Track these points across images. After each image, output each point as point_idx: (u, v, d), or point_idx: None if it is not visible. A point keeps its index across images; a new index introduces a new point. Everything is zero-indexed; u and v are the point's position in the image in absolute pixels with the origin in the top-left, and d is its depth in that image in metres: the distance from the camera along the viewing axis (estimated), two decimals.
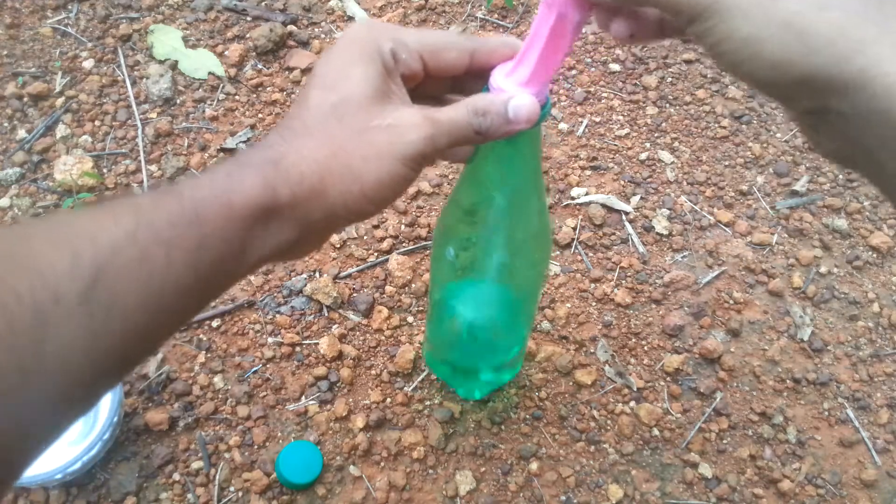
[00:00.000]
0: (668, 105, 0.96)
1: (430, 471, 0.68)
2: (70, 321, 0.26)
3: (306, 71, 0.95)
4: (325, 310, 0.77)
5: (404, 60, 0.34)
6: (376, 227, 0.83)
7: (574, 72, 0.97)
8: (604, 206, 0.85)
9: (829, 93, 0.26)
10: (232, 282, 0.32)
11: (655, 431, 0.71)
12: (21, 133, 0.89)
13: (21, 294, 0.25)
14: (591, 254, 0.82)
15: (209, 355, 0.74)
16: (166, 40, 0.96)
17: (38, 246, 0.27)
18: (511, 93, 0.35)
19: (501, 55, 0.36)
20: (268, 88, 0.94)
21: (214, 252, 0.30)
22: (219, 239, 0.30)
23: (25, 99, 0.91)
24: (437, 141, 0.33)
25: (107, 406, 0.67)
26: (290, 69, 0.95)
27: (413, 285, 0.79)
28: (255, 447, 0.69)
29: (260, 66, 0.95)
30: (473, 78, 0.37)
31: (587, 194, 0.86)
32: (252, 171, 0.31)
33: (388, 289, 0.78)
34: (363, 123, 0.32)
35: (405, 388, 0.72)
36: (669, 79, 0.97)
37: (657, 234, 0.84)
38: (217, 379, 0.72)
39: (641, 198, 0.87)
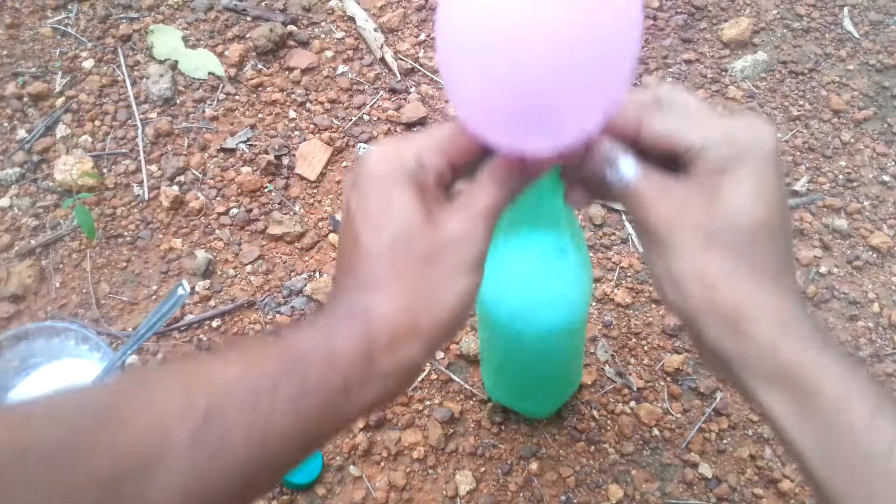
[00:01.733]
0: None
1: (430, 471, 0.68)
2: (176, 464, 0.27)
3: (306, 71, 0.95)
4: None
5: (432, 166, 0.34)
6: None
7: None
8: (604, 205, 0.85)
9: (708, 332, 0.33)
10: (335, 431, 0.33)
11: (655, 431, 0.71)
12: (21, 133, 0.89)
13: (132, 436, 0.27)
14: (591, 254, 0.82)
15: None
16: (166, 40, 0.96)
17: (156, 386, 0.29)
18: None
19: None
20: (268, 88, 0.94)
21: (317, 400, 0.30)
22: (321, 387, 0.31)
23: (25, 99, 0.91)
24: (490, 230, 0.34)
25: None
26: (290, 69, 0.95)
27: None
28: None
29: (260, 66, 0.95)
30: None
31: None
32: (347, 323, 0.32)
33: None
34: (425, 250, 0.33)
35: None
36: (669, 79, 0.97)
37: None
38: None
39: None
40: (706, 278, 0.33)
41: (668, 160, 0.36)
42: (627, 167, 0.35)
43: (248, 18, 1.00)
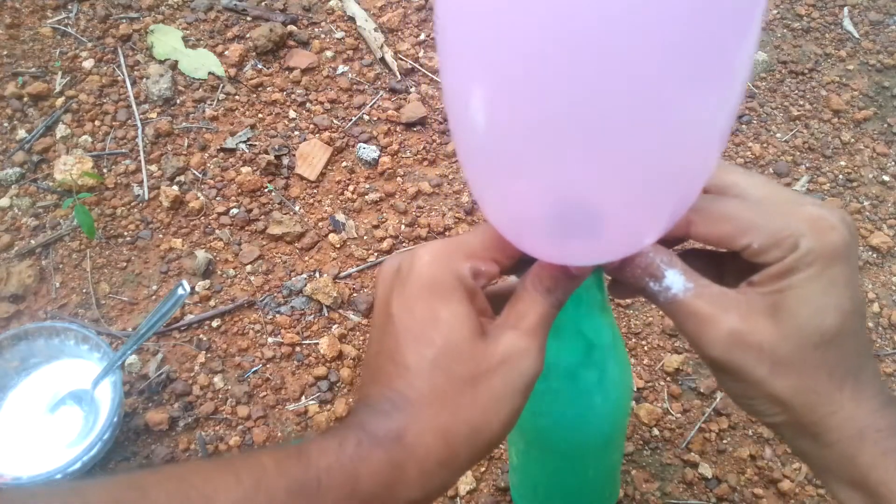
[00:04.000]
0: None
1: None
2: None
3: (306, 71, 0.95)
4: (325, 310, 0.77)
5: (486, 274, 0.32)
6: (376, 227, 0.83)
7: None
8: None
9: (789, 436, 0.32)
10: None
11: (655, 431, 0.71)
12: (21, 133, 0.89)
13: None
14: None
15: (209, 355, 0.74)
16: (166, 40, 0.96)
17: (152, 499, 0.26)
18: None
19: None
20: (268, 88, 0.94)
21: None
22: None
23: (25, 99, 0.91)
24: (543, 346, 0.31)
25: (107, 406, 0.67)
26: (290, 69, 0.95)
27: None
28: (255, 447, 0.69)
29: (260, 66, 0.95)
30: None
31: None
32: (377, 447, 0.29)
33: None
34: (472, 371, 0.29)
35: None
36: None
37: None
38: (217, 379, 0.72)
39: None
40: (780, 400, 0.30)
41: (721, 257, 0.34)
42: (674, 280, 0.31)
43: (248, 18, 1.00)
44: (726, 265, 0.34)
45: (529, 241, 0.31)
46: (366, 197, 0.85)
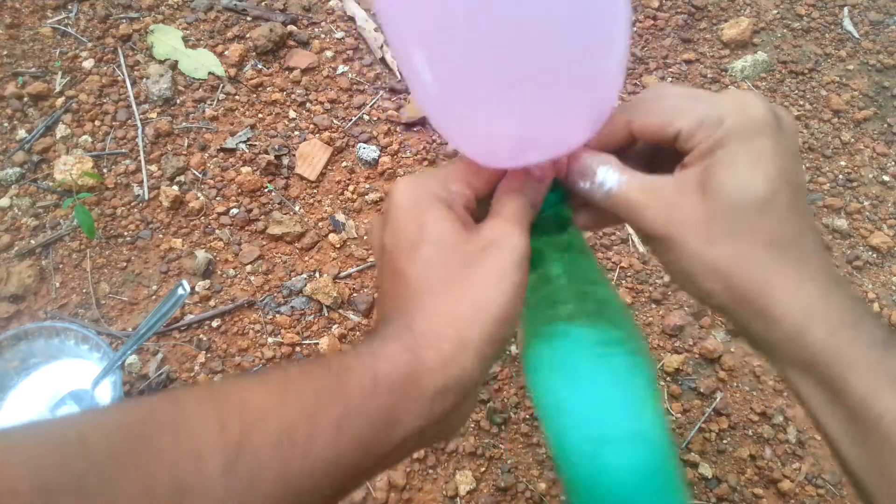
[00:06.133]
0: None
1: (430, 471, 0.68)
2: (209, 495, 0.26)
3: (306, 71, 0.95)
4: (325, 310, 0.77)
5: (458, 191, 0.34)
6: None
7: None
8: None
9: (735, 318, 0.32)
10: (378, 466, 0.30)
11: None
12: (21, 133, 0.89)
13: (167, 467, 0.25)
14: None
15: (209, 355, 0.74)
16: (166, 40, 0.96)
17: (189, 411, 0.27)
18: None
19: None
20: (268, 88, 0.94)
21: (358, 430, 0.28)
22: (363, 417, 0.29)
23: (25, 99, 0.91)
24: (525, 232, 0.33)
25: None
26: (290, 69, 0.95)
27: None
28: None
29: (260, 66, 0.95)
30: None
31: None
32: (391, 341, 0.30)
33: None
34: (463, 257, 0.31)
35: None
36: (669, 78, 0.97)
37: None
38: (217, 379, 0.72)
39: None
40: (719, 271, 0.31)
41: (662, 157, 0.35)
42: (607, 176, 0.34)
43: (248, 18, 1.00)
44: (667, 162, 0.35)
45: (492, 158, 0.35)
46: (366, 197, 0.85)
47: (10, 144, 0.88)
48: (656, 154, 0.36)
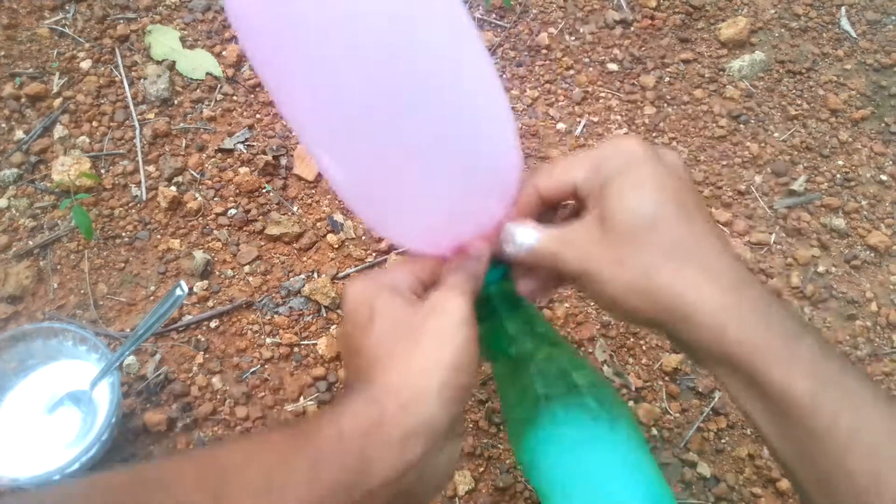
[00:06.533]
0: (665, 105, 0.96)
1: None
2: None
3: None
4: (323, 310, 0.77)
5: (404, 280, 0.38)
6: None
7: (572, 72, 0.97)
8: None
9: (665, 329, 0.35)
10: None
11: (654, 431, 0.71)
12: (18, 134, 0.88)
13: None
14: None
15: (207, 356, 0.74)
16: (164, 41, 0.96)
17: (171, 470, 0.30)
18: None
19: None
20: (265, 89, 0.94)
21: (330, 478, 0.30)
22: (333, 465, 0.30)
23: (23, 100, 0.91)
24: (468, 299, 0.36)
25: (105, 407, 0.67)
26: None
27: None
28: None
29: None
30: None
31: None
32: (353, 400, 0.33)
33: None
34: (412, 325, 0.35)
35: None
36: (667, 78, 0.97)
37: None
38: (215, 379, 0.72)
39: None
40: (635, 289, 0.34)
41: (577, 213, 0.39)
42: (525, 236, 0.38)
43: None
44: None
45: (421, 243, 0.40)
46: None
47: (7, 145, 0.88)
48: (578, 212, 0.40)
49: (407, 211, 0.38)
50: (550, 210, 0.41)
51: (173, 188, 0.85)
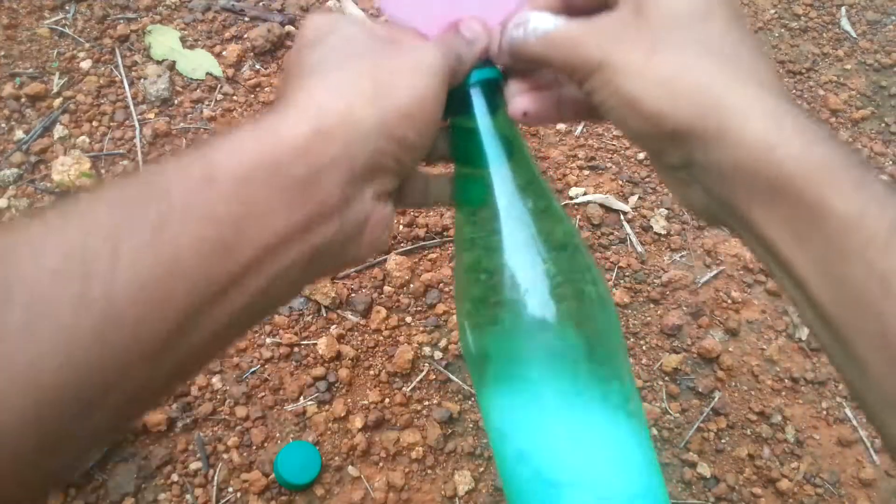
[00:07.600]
0: None
1: (429, 471, 0.68)
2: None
3: None
4: (323, 310, 0.77)
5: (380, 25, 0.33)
6: None
7: None
8: (602, 205, 0.85)
9: (693, 145, 0.28)
10: (238, 287, 0.24)
11: (654, 431, 0.71)
12: (18, 134, 0.89)
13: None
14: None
15: None
16: (164, 41, 0.96)
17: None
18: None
19: None
20: (266, 89, 0.94)
21: (229, 208, 0.24)
22: (232, 197, 0.24)
23: (23, 100, 0.91)
24: (445, 59, 0.31)
25: None
26: None
27: (411, 285, 0.79)
28: (254, 448, 0.68)
29: (258, 67, 0.95)
30: None
31: (585, 194, 0.86)
32: (245, 128, 0.26)
33: (387, 289, 0.78)
34: (373, 48, 0.29)
35: (404, 389, 0.72)
36: None
37: (655, 233, 0.84)
38: (215, 379, 0.72)
39: (640, 197, 0.87)
40: (666, 84, 0.28)
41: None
42: (540, 20, 0.32)
43: (246, 19, 1.00)
44: None
45: (425, 24, 0.34)
46: None
47: (7, 145, 0.88)
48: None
49: None
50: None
51: None
